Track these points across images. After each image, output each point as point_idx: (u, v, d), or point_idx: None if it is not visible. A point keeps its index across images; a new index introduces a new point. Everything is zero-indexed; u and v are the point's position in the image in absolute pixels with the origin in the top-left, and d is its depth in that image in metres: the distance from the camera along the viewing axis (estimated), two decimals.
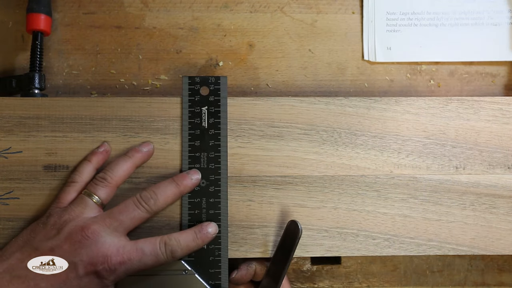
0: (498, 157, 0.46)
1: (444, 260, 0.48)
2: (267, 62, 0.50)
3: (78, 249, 0.38)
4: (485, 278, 0.48)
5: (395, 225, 0.44)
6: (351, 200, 0.45)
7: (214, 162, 0.44)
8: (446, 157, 0.45)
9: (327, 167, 0.45)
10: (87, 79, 0.49)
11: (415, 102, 0.46)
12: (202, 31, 0.51)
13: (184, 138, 0.44)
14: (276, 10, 0.51)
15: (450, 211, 0.45)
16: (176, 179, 0.42)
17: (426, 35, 0.51)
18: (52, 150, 0.44)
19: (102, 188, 0.41)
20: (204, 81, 0.45)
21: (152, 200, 0.41)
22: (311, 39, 0.51)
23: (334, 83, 0.50)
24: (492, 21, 0.51)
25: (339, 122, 0.45)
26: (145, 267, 0.39)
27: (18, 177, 0.44)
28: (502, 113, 0.46)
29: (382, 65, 0.51)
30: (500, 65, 0.51)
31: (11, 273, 0.37)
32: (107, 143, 0.44)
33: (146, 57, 0.50)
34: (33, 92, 0.46)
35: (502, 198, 0.45)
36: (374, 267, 0.48)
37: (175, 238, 0.40)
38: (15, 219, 0.43)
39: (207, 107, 0.45)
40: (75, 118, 0.44)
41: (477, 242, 0.44)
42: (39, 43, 0.47)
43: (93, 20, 0.50)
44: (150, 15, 0.50)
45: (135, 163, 0.43)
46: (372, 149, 0.45)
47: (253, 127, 0.45)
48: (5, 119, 0.44)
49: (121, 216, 0.40)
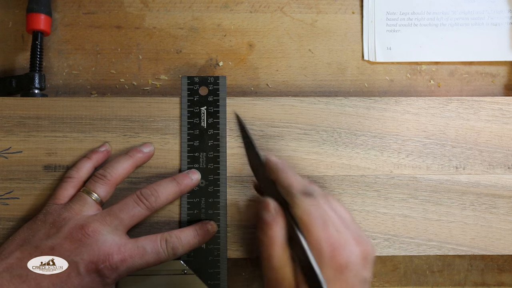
0: (498, 157, 0.46)
1: (444, 260, 0.48)
2: (267, 62, 0.50)
3: (78, 247, 0.38)
4: (485, 278, 0.48)
5: (395, 225, 0.44)
6: (351, 200, 0.45)
7: (213, 162, 0.44)
8: (446, 157, 0.45)
9: (327, 167, 0.45)
10: (87, 79, 0.49)
11: (415, 102, 0.46)
12: (202, 31, 0.51)
13: (183, 138, 0.44)
14: (276, 10, 0.51)
15: (450, 211, 0.45)
16: (176, 178, 0.42)
17: (426, 35, 0.51)
18: (52, 150, 0.44)
19: (101, 186, 0.41)
20: (203, 81, 0.45)
21: (153, 197, 0.41)
22: (311, 39, 0.51)
23: (334, 83, 0.50)
24: (492, 21, 0.51)
25: (339, 122, 0.45)
26: (146, 265, 0.39)
27: (18, 177, 0.44)
28: (502, 113, 0.46)
29: (382, 65, 0.51)
30: (500, 65, 0.51)
31: (11, 273, 0.37)
32: (108, 143, 0.44)
33: (146, 57, 0.50)
34: (33, 92, 0.46)
35: (502, 198, 0.45)
36: (374, 267, 0.48)
37: (175, 235, 0.40)
38: (15, 219, 0.43)
39: (206, 107, 0.45)
40: (75, 118, 0.44)
41: (477, 242, 0.44)
42: (39, 43, 0.47)
43: (93, 20, 0.50)
44: (150, 15, 0.50)
45: (136, 163, 0.43)
46: (372, 149, 0.45)
47: (253, 127, 0.45)
48: (5, 119, 0.44)
49: (121, 214, 0.39)
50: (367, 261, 0.36)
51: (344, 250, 0.34)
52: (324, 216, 0.35)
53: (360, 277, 0.35)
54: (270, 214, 0.37)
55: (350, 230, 0.36)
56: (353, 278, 0.34)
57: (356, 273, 0.34)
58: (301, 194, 0.37)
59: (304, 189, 0.37)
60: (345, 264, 0.34)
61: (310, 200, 0.36)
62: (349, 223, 0.37)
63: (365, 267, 0.35)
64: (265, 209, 0.37)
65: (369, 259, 0.36)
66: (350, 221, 0.38)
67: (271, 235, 0.36)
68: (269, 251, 0.36)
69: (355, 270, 0.34)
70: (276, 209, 0.37)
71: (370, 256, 0.36)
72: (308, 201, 0.36)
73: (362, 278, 0.35)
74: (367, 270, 0.36)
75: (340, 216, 0.37)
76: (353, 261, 0.34)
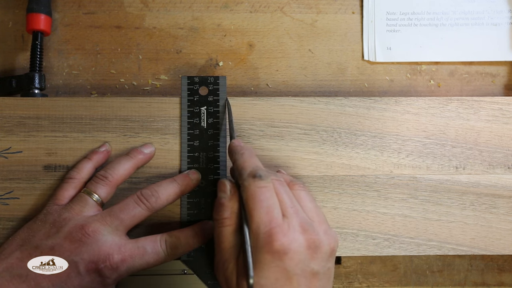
0: (498, 157, 0.46)
1: (444, 260, 0.48)
2: (267, 62, 0.50)
3: (78, 247, 0.38)
4: (485, 278, 0.48)
5: (395, 225, 0.44)
6: (351, 200, 0.45)
7: (213, 162, 0.44)
8: (446, 157, 0.45)
9: (327, 167, 0.45)
10: (87, 79, 0.49)
11: (415, 102, 0.46)
12: (202, 31, 0.51)
13: (183, 138, 0.44)
14: (276, 10, 0.51)
15: (450, 211, 0.45)
16: (177, 178, 0.42)
17: (426, 35, 0.51)
18: (52, 150, 0.44)
19: (102, 187, 0.41)
20: (203, 81, 0.45)
21: (154, 197, 0.40)
22: (311, 39, 0.51)
23: (334, 83, 0.50)
24: (492, 21, 0.51)
25: (339, 122, 0.45)
26: (147, 265, 0.39)
27: (18, 177, 0.44)
28: (502, 113, 0.46)
29: (382, 65, 0.51)
30: (500, 65, 0.51)
31: (11, 272, 0.37)
32: (108, 143, 0.44)
33: (146, 57, 0.50)
34: (33, 92, 0.46)
35: (502, 198, 0.45)
36: (374, 267, 0.48)
37: (175, 235, 0.40)
38: (15, 219, 0.43)
39: (206, 107, 0.45)
40: (75, 118, 0.44)
41: (477, 242, 0.44)
42: (39, 43, 0.47)
43: (93, 20, 0.50)
44: (150, 15, 0.50)
45: (136, 164, 0.43)
46: (372, 149, 0.45)
47: (253, 127, 0.45)
48: (5, 119, 0.44)
49: (121, 214, 0.39)
50: (315, 251, 0.34)
51: (284, 236, 0.33)
52: (269, 200, 0.34)
53: (305, 266, 0.33)
54: (225, 195, 0.37)
55: (299, 217, 0.35)
56: (295, 267, 0.33)
57: (299, 261, 0.33)
58: (250, 176, 0.36)
59: (253, 171, 0.36)
60: (283, 250, 0.33)
61: (259, 182, 0.35)
62: (306, 211, 0.36)
63: (313, 258, 0.34)
64: (220, 189, 0.38)
65: (319, 251, 0.34)
66: (309, 210, 0.37)
67: (223, 216, 0.36)
68: (220, 231, 0.36)
69: (298, 259, 0.33)
70: (232, 190, 0.37)
71: (322, 248, 0.34)
72: (256, 184, 0.35)
73: (309, 269, 0.33)
74: (317, 262, 0.34)
75: (294, 202, 0.36)
76: (294, 249, 0.33)
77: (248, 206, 0.35)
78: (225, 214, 0.36)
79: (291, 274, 0.33)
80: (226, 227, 0.36)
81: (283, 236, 0.33)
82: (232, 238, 0.36)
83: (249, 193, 0.35)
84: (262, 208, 0.34)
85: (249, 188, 0.35)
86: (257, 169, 0.36)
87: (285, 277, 0.33)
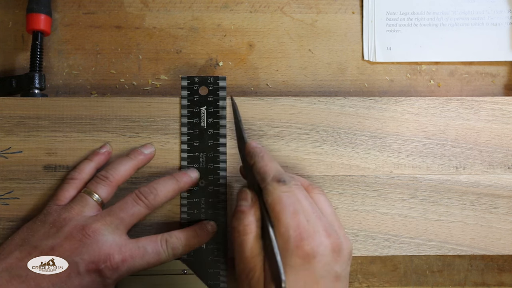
0: (498, 157, 0.46)
1: (444, 260, 0.48)
2: (267, 62, 0.50)
3: (79, 248, 0.38)
4: (485, 278, 0.48)
5: (395, 225, 0.44)
6: (351, 200, 0.45)
7: (213, 162, 0.44)
8: (446, 157, 0.45)
9: (327, 167, 0.45)
10: (87, 79, 0.49)
11: (415, 102, 0.46)
12: (202, 31, 0.51)
13: (183, 138, 0.44)
14: (276, 10, 0.51)
15: (450, 211, 0.45)
16: (175, 175, 0.42)
17: (426, 35, 0.51)
18: (52, 150, 0.44)
19: (103, 187, 0.41)
20: (203, 81, 0.45)
21: (152, 195, 0.40)
22: (311, 39, 0.51)
23: (334, 83, 0.50)
24: (492, 21, 0.51)
25: (339, 122, 0.45)
26: (147, 266, 0.39)
27: (18, 177, 0.44)
28: (502, 113, 0.46)
29: (382, 65, 0.51)
30: (500, 65, 0.51)
31: (10, 272, 0.37)
32: (109, 144, 0.44)
33: (146, 57, 0.50)
34: (33, 92, 0.46)
35: (502, 198, 0.45)
36: (374, 267, 0.48)
37: (176, 235, 0.40)
38: (15, 219, 0.43)
39: (206, 107, 0.45)
40: (75, 118, 0.44)
41: (477, 242, 0.44)
42: (39, 43, 0.47)
43: (93, 20, 0.50)
44: (150, 15, 0.50)
45: (137, 164, 0.43)
46: (372, 149, 0.45)
47: (253, 127, 0.45)
48: (5, 119, 0.44)
49: (121, 213, 0.39)
50: (338, 255, 0.34)
51: (312, 239, 0.34)
52: (295, 204, 0.35)
53: (330, 269, 0.34)
54: (247, 203, 0.37)
55: (322, 221, 0.35)
56: (322, 269, 0.33)
57: (325, 264, 0.34)
58: (274, 181, 0.36)
59: (277, 176, 0.36)
60: (312, 254, 0.33)
61: (283, 187, 0.35)
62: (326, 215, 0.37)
63: (336, 261, 0.34)
64: (242, 198, 0.38)
65: (342, 254, 0.35)
66: (329, 214, 0.37)
67: (245, 224, 0.36)
68: (242, 240, 0.36)
69: (324, 262, 0.34)
70: (253, 198, 0.37)
71: (344, 251, 0.35)
72: (281, 188, 0.35)
73: (333, 272, 0.34)
74: (340, 265, 0.35)
75: (314, 207, 0.36)
76: (321, 252, 0.34)
77: (274, 210, 0.35)
78: (246, 221, 0.36)
79: (318, 277, 0.33)
80: (248, 234, 0.36)
81: (312, 240, 0.34)
82: (256, 246, 0.35)
83: (274, 197, 0.35)
84: (289, 213, 0.34)
85: (274, 192, 0.35)
86: (280, 173, 0.37)
87: (312, 280, 0.33)
